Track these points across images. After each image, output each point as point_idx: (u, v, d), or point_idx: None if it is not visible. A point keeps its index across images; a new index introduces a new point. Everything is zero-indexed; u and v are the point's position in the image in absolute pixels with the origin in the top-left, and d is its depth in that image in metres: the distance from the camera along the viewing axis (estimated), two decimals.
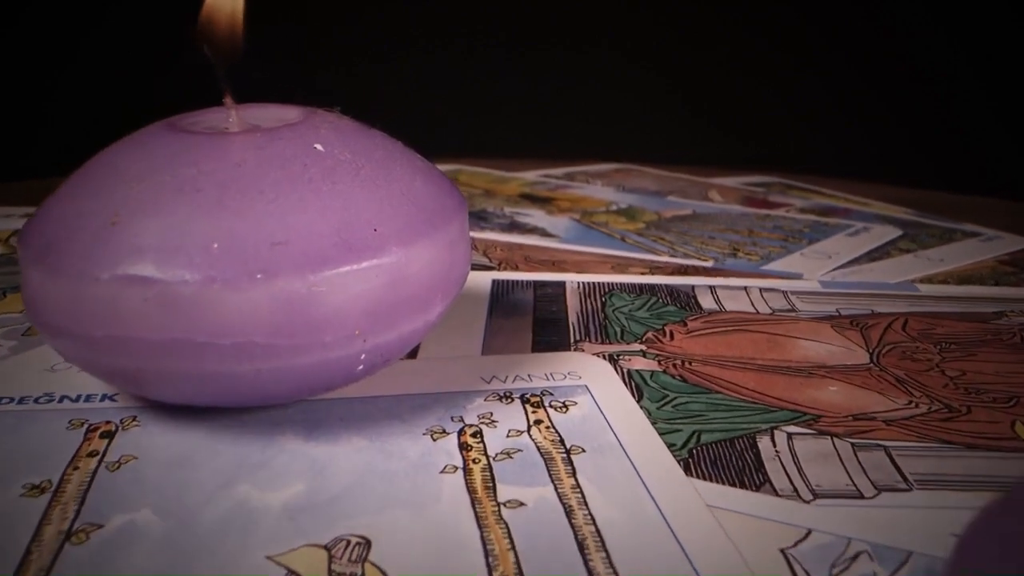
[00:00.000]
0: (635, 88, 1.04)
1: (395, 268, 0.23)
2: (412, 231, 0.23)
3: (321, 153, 0.24)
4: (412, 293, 0.23)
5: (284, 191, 0.22)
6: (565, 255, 0.41)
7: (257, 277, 0.21)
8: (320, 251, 0.22)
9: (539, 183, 0.60)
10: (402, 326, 0.24)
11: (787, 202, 0.58)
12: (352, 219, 0.23)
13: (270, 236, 0.22)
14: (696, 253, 0.44)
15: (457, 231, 0.25)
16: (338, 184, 0.23)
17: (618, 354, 0.29)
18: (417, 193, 0.24)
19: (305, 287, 0.22)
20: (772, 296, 0.35)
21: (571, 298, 0.34)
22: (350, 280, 0.22)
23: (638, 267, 0.39)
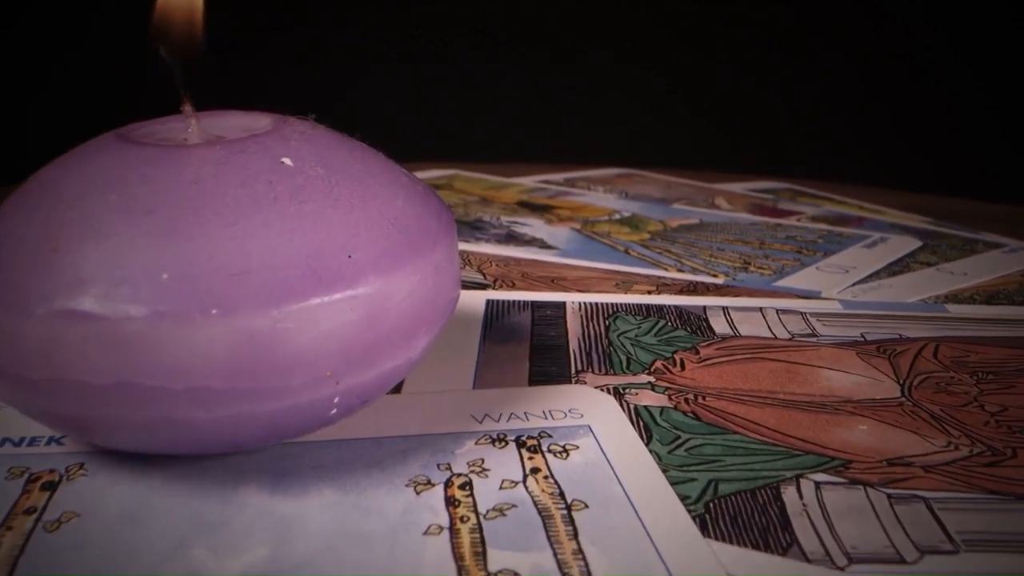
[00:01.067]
0: (636, 90, 1.01)
1: (372, 300, 0.20)
2: (392, 257, 0.21)
3: (289, 168, 0.21)
4: (392, 327, 0.21)
5: (245, 213, 0.20)
6: (565, 271, 0.38)
7: (213, 313, 0.19)
8: (286, 282, 0.19)
9: (538, 190, 0.57)
10: (381, 365, 0.21)
11: (797, 210, 0.56)
12: (323, 245, 0.20)
13: (228, 265, 0.19)
14: (705, 267, 0.41)
15: (444, 255, 0.22)
16: (308, 204, 0.20)
17: (624, 387, 0.26)
18: (399, 213, 0.22)
19: (269, 324, 0.19)
20: (790, 319, 0.32)
21: (572, 321, 0.31)
22: (320, 315, 0.19)
23: (644, 284, 0.37)
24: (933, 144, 0.98)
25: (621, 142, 0.94)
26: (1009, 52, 0.96)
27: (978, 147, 0.98)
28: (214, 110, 0.24)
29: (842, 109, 1.00)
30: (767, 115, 1.00)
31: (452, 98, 0.99)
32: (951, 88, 0.99)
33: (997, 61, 0.96)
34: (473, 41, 1.01)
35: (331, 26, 1.00)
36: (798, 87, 1.00)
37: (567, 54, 1.02)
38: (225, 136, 0.23)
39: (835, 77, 1.00)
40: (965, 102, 0.99)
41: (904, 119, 0.99)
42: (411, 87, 1.00)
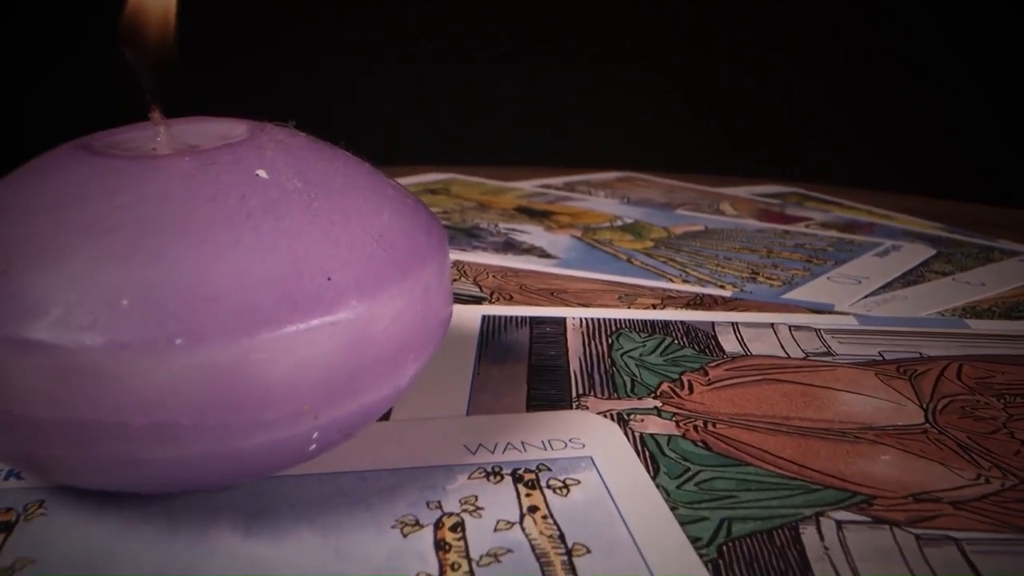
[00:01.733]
0: (636, 91, 1.00)
1: (355, 326, 0.18)
2: (376, 279, 0.19)
3: (264, 181, 0.19)
4: (377, 356, 0.19)
5: (215, 231, 0.18)
6: (565, 282, 0.36)
7: (178, 342, 0.17)
8: (259, 308, 0.17)
9: (537, 194, 0.55)
10: (365, 396, 0.19)
11: (805, 215, 0.54)
12: (300, 266, 0.18)
13: (196, 289, 0.17)
14: (712, 277, 0.40)
15: (434, 274, 0.21)
16: (284, 221, 0.19)
17: (629, 413, 0.25)
18: (384, 229, 0.20)
19: (239, 354, 0.17)
20: (804, 335, 0.30)
21: (573, 339, 0.29)
22: (297, 343, 0.18)
23: (648, 297, 0.35)
24: (939, 147, 0.96)
25: (621, 144, 0.92)
26: (1017, 54, 0.94)
27: (985, 150, 0.96)
28: (189, 116, 0.23)
29: (846, 110, 0.99)
30: (770, 116, 0.98)
31: (450, 99, 0.97)
32: (955, 89, 0.97)
33: (1003, 62, 0.95)
34: (471, 42, 0.99)
35: (328, 26, 0.98)
36: (801, 88, 0.98)
37: (566, 54, 1.00)
38: (198, 145, 0.21)
39: (839, 78, 0.99)
40: (971, 104, 0.97)
41: (909, 121, 0.97)
42: (408, 88, 0.98)
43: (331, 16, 0.98)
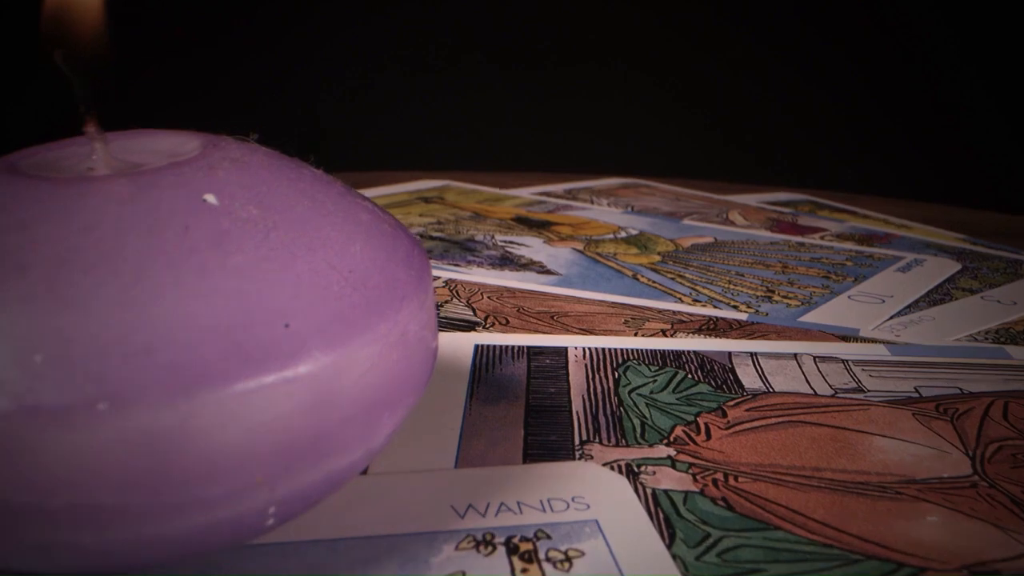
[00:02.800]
0: (637, 94, 0.97)
1: (318, 382, 0.16)
2: (344, 324, 0.16)
3: (213, 209, 0.16)
4: (345, 416, 0.16)
5: (151, 270, 0.15)
6: (567, 304, 0.33)
7: (101, 407, 0.14)
8: (201, 362, 0.15)
9: (536, 203, 0.53)
10: (331, 462, 0.16)
11: (819, 226, 0.51)
12: (253, 311, 0.15)
13: (125, 342, 0.14)
14: (724, 296, 0.37)
15: (415, 315, 0.18)
16: (234, 256, 0.16)
17: (639, 463, 0.22)
18: (355, 263, 0.17)
19: (177, 419, 0.14)
20: (831, 368, 0.28)
21: (575, 372, 0.26)
22: (248, 405, 0.15)
23: (657, 321, 0.32)
24: (951, 153, 0.94)
25: (624, 149, 0.90)
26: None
27: (1001, 156, 0.93)
28: (132, 130, 0.20)
29: (854, 114, 0.96)
30: (776, 120, 0.95)
31: (447, 102, 0.95)
32: (966, 93, 0.94)
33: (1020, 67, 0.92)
34: (469, 42, 0.96)
35: (322, 28, 0.95)
36: (808, 92, 0.96)
37: (565, 55, 0.97)
38: (142, 164, 0.18)
39: (844, 80, 0.96)
40: (984, 108, 0.94)
41: (920, 126, 0.94)
42: (403, 91, 0.96)
43: (324, 16, 0.95)
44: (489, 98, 0.94)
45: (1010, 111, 0.93)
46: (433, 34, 0.96)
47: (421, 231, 0.45)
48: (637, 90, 0.97)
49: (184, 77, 0.90)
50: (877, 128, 0.95)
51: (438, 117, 0.94)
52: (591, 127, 0.94)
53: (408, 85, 0.95)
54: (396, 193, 0.53)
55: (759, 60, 0.95)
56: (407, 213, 0.49)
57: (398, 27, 0.95)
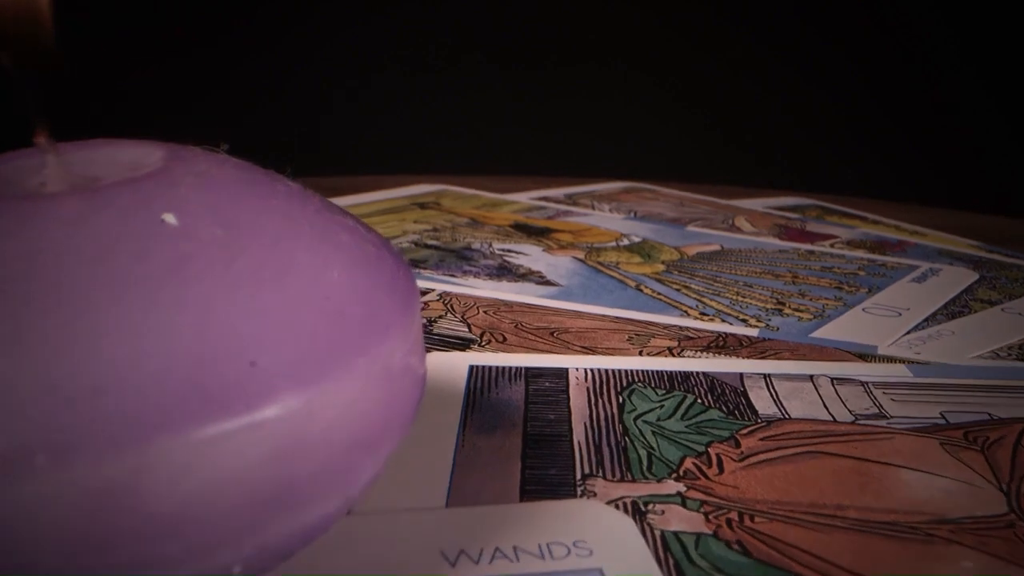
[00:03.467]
0: (639, 96, 0.95)
1: (288, 426, 0.14)
2: (318, 360, 0.14)
3: (173, 231, 0.14)
4: (320, 464, 0.14)
5: (100, 301, 0.13)
6: (567, 319, 0.32)
7: (39, 460, 0.12)
8: (155, 407, 0.13)
9: (535, 208, 0.51)
10: (304, 514, 0.15)
11: (829, 232, 0.49)
12: (215, 347, 0.14)
13: (69, 384, 0.13)
14: (732, 309, 0.35)
15: (399, 347, 0.16)
16: (196, 285, 0.14)
17: (646, 501, 0.20)
18: (333, 291, 0.15)
19: (126, 472, 0.13)
20: (850, 391, 0.26)
21: (576, 396, 0.25)
22: (208, 454, 0.13)
23: (663, 337, 0.30)
24: (953, 154, 0.92)
25: (625, 152, 0.88)
26: None
27: (1004, 159, 0.91)
28: (92, 140, 0.18)
29: (861, 117, 0.94)
30: (780, 123, 0.94)
31: (444, 105, 0.93)
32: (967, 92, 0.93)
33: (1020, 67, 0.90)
34: (468, 44, 0.94)
35: (319, 28, 0.94)
36: (812, 94, 0.94)
37: (566, 57, 0.95)
38: (99, 179, 0.16)
39: (848, 82, 0.94)
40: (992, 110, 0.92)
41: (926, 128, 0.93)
42: (399, 93, 0.94)
43: (320, 16, 0.93)
44: (487, 99, 0.93)
45: (1015, 113, 0.91)
46: (431, 34, 0.94)
47: (416, 239, 0.43)
48: (638, 91, 0.95)
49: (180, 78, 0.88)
50: (878, 128, 0.94)
51: (436, 118, 0.93)
52: (591, 128, 0.93)
53: (405, 86, 0.94)
54: (391, 199, 0.52)
55: (761, 60, 0.94)
56: (402, 219, 0.47)
57: (396, 27, 0.93)
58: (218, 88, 0.91)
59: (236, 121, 0.95)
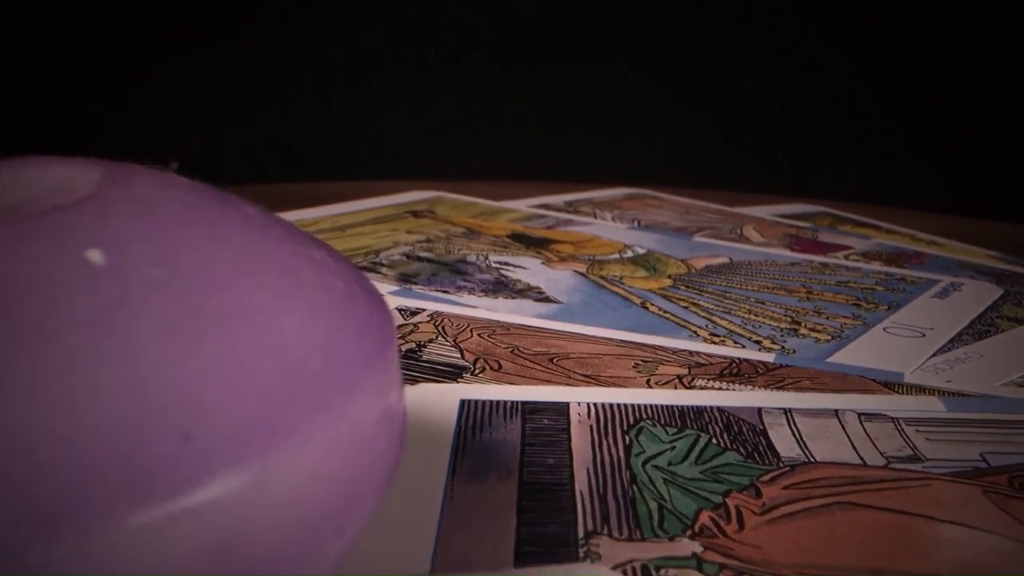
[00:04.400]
0: (640, 98, 0.93)
1: (231, 511, 0.11)
2: (269, 427, 0.12)
3: (98, 271, 0.12)
4: (274, 548, 0.12)
5: (4, 359, 0.11)
6: (568, 342, 0.29)
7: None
8: (68, 492, 0.11)
9: (535, 217, 0.49)
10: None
11: (842, 243, 0.47)
12: (143, 417, 0.11)
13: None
14: (744, 329, 0.33)
15: (372, 402, 0.14)
16: (122, 339, 0.12)
17: (658, 565, 0.18)
18: (292, 340, 0.13)
19: (32, 571, 0.10)
20: (880, 429, 0.23)
21: (578, 436, 0.22)
22: (133, 547, 0.11)
23: (672, 364, 0.28)
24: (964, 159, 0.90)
25: (625, 150, 0.86)
26: None
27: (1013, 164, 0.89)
28: (32, 156, 0.16)
29: (868, 121, 0.92)
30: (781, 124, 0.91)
31: (440, 108, 0.90)
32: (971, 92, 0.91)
33: None
34: (467, 46, 0.92)
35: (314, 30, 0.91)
36: (818, 97, 0.92)
37: (565, 58, 0.93)
38: (21, 205, 0.14)
39: (851, 84, 0.92)
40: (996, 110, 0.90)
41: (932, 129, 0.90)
42: (393, 95, 0.91)
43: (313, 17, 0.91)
44: (485, 102, 0.90)
45: None
46: (430, 34, 0.92)
47: (408, 250, 0.41)
48: (639, 92, 0.93)
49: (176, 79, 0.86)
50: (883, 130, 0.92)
51: (434, 120, 0.90)
52: (591, 130, 0.90)
53: (402, 88, 0.91)
54: (384, 206, 0.49)
55: (765, 63, 0.92)
56: (394, 229, 0.44)
57: (395, 27, 0.91)
58: (216, 89, 0.89)
59: (232, 121, 0.93)
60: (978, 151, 0.89)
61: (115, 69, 0.85)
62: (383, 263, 0.39)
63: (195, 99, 0.88)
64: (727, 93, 0.92)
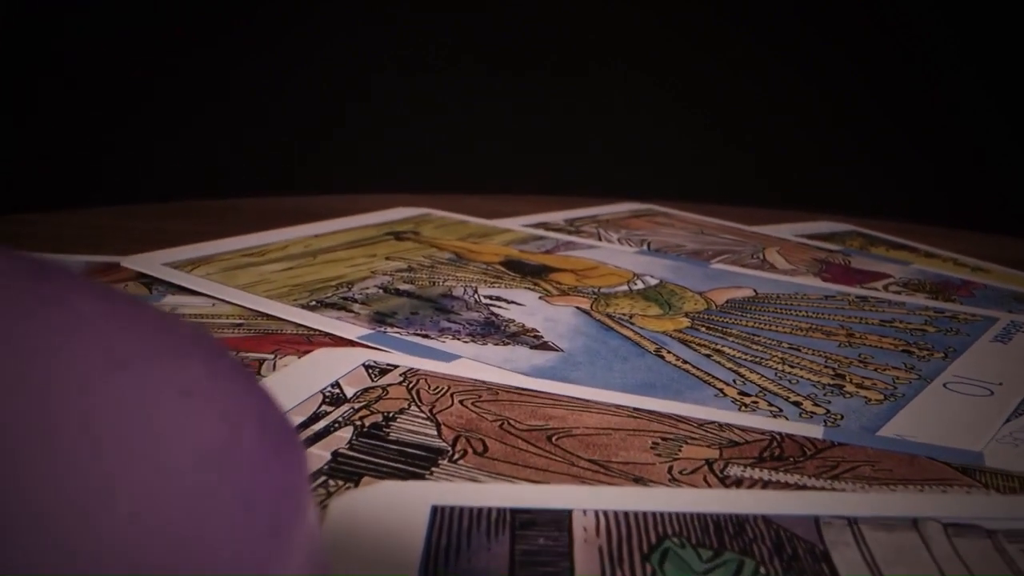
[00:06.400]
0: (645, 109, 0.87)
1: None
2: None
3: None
4: None
5: None
6: (569, 412, 0.24)
7: None
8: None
9: (532, 238, 0.43)
10: None
11: (878, 269, 0.42)
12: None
13: None
14: (778, 385, 0.28)
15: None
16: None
17: None
18: (118, 528, 0.08)
19: None
20: (971, 546, 0.18)
21: (584, 561, 0.17)
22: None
23: (698, 443, 0.23)
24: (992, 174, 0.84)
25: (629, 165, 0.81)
26: None
27: None
28: None
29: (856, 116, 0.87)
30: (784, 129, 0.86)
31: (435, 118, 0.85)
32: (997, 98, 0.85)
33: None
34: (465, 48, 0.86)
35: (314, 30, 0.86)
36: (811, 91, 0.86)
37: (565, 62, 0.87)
38: None
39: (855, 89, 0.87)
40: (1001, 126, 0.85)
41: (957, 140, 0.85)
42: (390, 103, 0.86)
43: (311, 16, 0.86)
44: (483, 110, 0.85)
45: None
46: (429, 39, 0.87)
47: (386, 282, 0.36)
48: (643, 100, 0.87)
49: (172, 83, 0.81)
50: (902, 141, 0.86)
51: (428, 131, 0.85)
52: (592, 140, 0.85)
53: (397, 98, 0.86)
54: (363, 226, 0.44)
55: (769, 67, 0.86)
56: (372, 255, 0.39)
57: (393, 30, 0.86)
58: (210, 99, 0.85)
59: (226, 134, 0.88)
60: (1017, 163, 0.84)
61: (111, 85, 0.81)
62: (356, 298, 0.34)
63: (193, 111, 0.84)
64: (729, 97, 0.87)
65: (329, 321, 0.31)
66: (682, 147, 0.85)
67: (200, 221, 0.49)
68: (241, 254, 0.39)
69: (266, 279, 0.36)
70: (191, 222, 0.49)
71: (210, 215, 0.52)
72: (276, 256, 0.39)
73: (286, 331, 0.31)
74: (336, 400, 0.24)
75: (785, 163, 0.85)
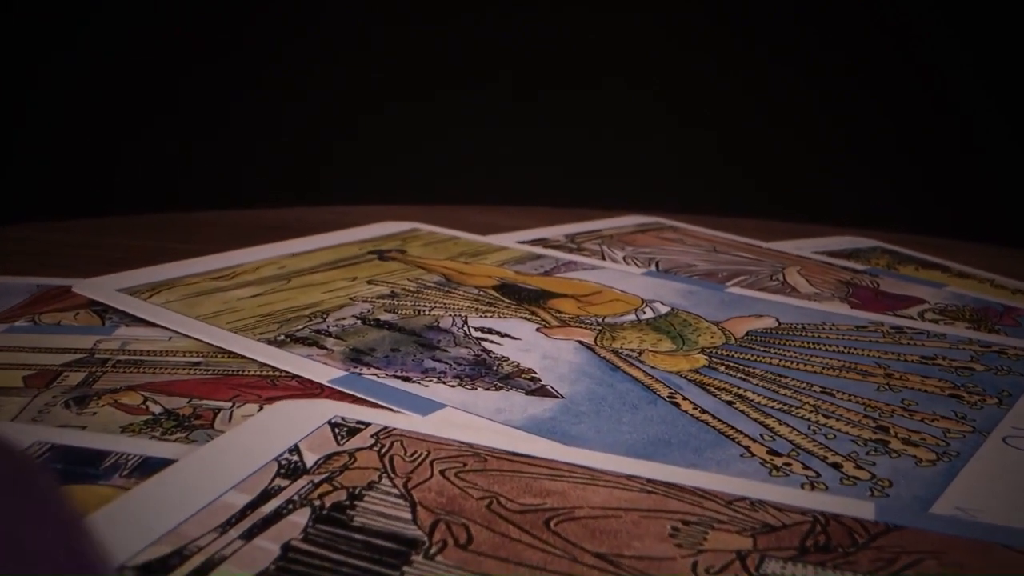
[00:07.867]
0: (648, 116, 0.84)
1: None
2: None
3: None
4: None
5: None
6: (571, 487, 0.20)
7: None
8: None
9: (529, 258, 0.39)
10: None
11: (910, 293, 0.38)
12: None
13: None
14: (813, 440, 0.24)
15: None
16: None
17: None
18: None
19: None
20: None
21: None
22: None
23: (727, 528, 0.19)
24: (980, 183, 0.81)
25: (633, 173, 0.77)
26: None
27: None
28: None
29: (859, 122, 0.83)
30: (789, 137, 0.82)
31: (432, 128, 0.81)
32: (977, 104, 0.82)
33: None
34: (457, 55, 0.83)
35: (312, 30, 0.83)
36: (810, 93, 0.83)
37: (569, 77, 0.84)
38: None
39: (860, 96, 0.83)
40: None
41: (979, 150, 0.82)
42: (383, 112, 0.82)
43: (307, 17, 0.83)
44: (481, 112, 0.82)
45: None
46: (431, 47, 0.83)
47: (366, 311, 0.32)
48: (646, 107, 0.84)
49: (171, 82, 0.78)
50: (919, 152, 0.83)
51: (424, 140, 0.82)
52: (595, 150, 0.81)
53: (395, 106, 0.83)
54: (346, 243, 0.40)
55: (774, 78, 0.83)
56: (352, 279, 0.35)
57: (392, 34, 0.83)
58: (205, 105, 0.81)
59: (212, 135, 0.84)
60: None
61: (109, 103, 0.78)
62: (330, 331, 0.30)
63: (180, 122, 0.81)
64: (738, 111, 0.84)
65: (298, 360, 0.28)
66: (685, 158, 0.82)
67: (172, 237, 0.45)
68: (209, 277, 0.35)
69: (232, 307, 0.32)
70: (162, 237, 0.45)
71: (183, 229, 0.48)
72: (246, 279, 0.35)
73: (249, 371, 0.28)
74: (294, 471, 0.20)
75: (793, 175, 0.81)
